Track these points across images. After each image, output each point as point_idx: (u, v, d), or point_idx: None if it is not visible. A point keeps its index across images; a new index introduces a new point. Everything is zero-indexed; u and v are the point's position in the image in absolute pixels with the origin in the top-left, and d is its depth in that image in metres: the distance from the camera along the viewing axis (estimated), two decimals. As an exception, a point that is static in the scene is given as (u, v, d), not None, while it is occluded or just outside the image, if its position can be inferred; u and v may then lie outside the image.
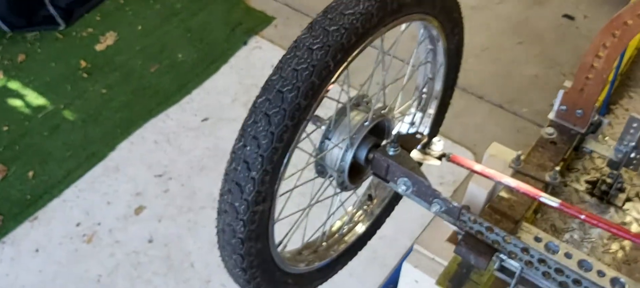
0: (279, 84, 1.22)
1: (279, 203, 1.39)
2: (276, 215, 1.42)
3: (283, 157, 1.26)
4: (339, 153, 1.52)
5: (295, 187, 1.51)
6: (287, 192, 1.46)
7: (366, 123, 1.54)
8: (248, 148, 1.23)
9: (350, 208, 1.88)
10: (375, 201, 1.95)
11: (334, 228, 1.84)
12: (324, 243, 1.78)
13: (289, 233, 1.59)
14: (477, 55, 3.94)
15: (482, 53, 3.97)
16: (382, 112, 1.61)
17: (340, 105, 1.52)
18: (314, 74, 1.21)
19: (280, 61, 1.25)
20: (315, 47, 1.22)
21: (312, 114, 1.28)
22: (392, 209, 1.97)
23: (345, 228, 1.85)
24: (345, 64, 1.28)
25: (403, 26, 1.51)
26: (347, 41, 1.24)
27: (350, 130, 1.50)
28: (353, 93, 1.52)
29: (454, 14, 1.66)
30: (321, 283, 1.78)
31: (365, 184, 1.83)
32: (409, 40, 1.61)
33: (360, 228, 1.88)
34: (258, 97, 1.25)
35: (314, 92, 1.23)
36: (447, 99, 1.95)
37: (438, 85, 1.86)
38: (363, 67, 1.45)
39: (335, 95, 1.48)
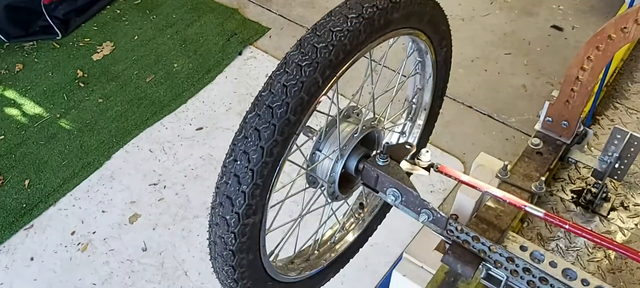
0: (268, 100, 1.25)
1: (270, 213, 1.42)
2: (267, 226, 1.44)
3: (273, 171, 1.29)
4: (330, 164, 1.56)
5: (286, 198, 1.54)
6: (278, 203, 1.49)
7: (356, 134, 1.57)
8: (238, 162, 1.26)
9: (341, 217, 1.92)
10: (366, 209, 1.98)
11: (325, 237, 1.88)
12: (316, 252, 1.82)
13: (281, 243, 1.62)
14: (466, 66, 4.00)
15: (471, 64, 4.03)
16: (372, 123, 1.65)
17: (330, 117, 1.56)
18: (303, 90, 1.24)
19: (270, 77, 1.28)
20: (304, 64, 1.25)
21: (302, 128, 1.31)
22: (384, 217, 2.01)
23: (337, 237, 1.88)
24: (333, 79, 1.31)
25: (391, 41, 1.55)
26: (335, 58, 1.27)
27: (340, 141, 1.54)
28: (344, 103, 1.55)
29: (441, 27, 1.69)
30: None
31: (356, 193, 1.86)
32: (400, 51, 1.65)
33: (351, 237, 1.91)
34: (248, 112, 1.28)
35: (303, 107, 1.26)
36: (436, 109, 1.99)
37: (427, 97, 1.90)
38: (353, 77, 1.48)
39: (325, 107, 1.51)
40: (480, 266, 1.56)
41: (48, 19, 4.38)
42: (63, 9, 4.44)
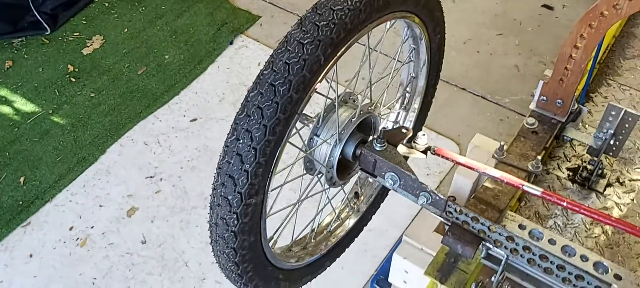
0: (271, 78, 1.25)
1: (270, 198, 1.42)
2: (268, 210, 1.45)
3: (275, 150, 1.29)
4: (328, 149, 1.56)
5: (286, 182, 1.54)
6: (277, 187, 1.50)
7: (354, 118, 1.58)
8: (241, 141, 1.26)
9: (337, 205, 1.92)
10: (361, 198, 1.99)
11: (323, 225, 1.88)
12: (313, 240, 1.82)
13: (280, 228, 1.63)
14: (458, 48, 4.00)
15: (464, 46, 4.04)
16: (369, 108, 1.65)
17: (328, 102, 1.56)
18: (305, 68, 1.24)
19: (272, 56, 1.28)
20: (306, 42, 1.25)
21: (304, 107, 1.31)
22: (379, 206, 2.02)
23: (333, 225, 1.89)
24: (334, 58, 1.31)
25: (388, 24, 1.56)
26: (337, 36, 1.28)
27: (338, 125, 1.54)
28: (340, 90, 1.56)
29: (436, 13, 1.70)
30: (311, 279, 1.82)
31: (352, 181, 1.87)
32: (395, 38, 1.65)
33: (348, 225, 1.92)
34: (250, 91, 1.27)
35: (305, 85, 1.26)
36: (430, 96, 2.01)
37: (421, 82, 1.91)
38: (348, 64, 1.49)
39: (323, 92, 1.51)
40: (480, 246, 1.57)
41: (36, 14, 4.33)
42: (51, 3, 4.40)
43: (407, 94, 1.95)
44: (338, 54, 1.32)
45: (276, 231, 1.61)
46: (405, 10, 1.52)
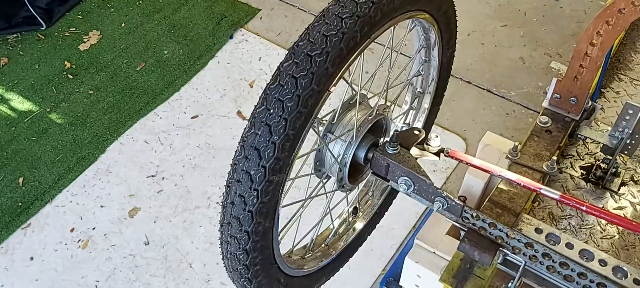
0: (307, 48, 1.23)
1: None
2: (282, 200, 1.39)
3: (304, 124, 1.25)
4: (342, 147, 1.52)
5: (296, 177, 1.49)
6: (291, 179, 1.44)
7: (371, 117, 1.54)
8: (271, 111, 1.22)
9: (336, 218, 1.88)
10: (360, 215, 1.96)
11: (321, 237, 1.84)
12: (310, 253, 1.78)
13: (287, 224, 1.57)
14: (462, 40, 3.91)
15: (468, 38, 3.98)
16: (384, 109, 1.61)
17: (345, 98, 1.52)
18: (343, 42, 1.23)
19: (308, 28, 1.27)
20: (345, 16, 1.24)
21: (335, 85, 1.28)
22: (376, 223, 1.99)
23: (330, 240, 1.85)
24: (368, 40, 1.31)
25: (409, 23, 1.56)
26: (374, 15, 1.27)
27: (356, 121, 1.50)
28: (342, 91, 1.53)
29: (451, 24, 1.71)
30: None
31: (353, 194, 1.84)
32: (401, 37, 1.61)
33: (346, 241, 1.88)
34: (284, 61, 1.25)
35: (341, 60, 1.25)
36: (440, 93, 1.98)
37: (432, 81, 1.88)
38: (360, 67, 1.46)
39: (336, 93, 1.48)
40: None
41: (31, 9, 4.25)
42: (45, -2, 4.32)
43: (417, 91, 1.91)
44: (372, 36, 1.32)
45: (284, 227, 1.55)
46: (428, 11, 1.53)
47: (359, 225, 1.92)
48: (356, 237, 1.91)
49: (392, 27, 1.43)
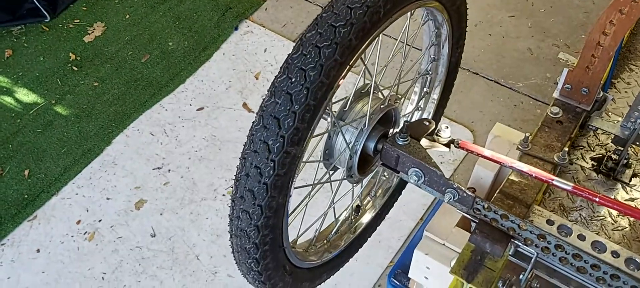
0: (332, 19, 1.23)
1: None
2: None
3: (325, 96, 1.24)
4: (353, 135, 1.51)
5: (308, 161, 1.47)
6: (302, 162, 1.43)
7: (383, 105, 1.54)
8: (293, 79, 1.21)
9: (341, 215, 1.87)
10: (361, 214, 1.95)
11: (323, 234, 1.82)
12: (314, 246, 1.77)
13: (297, 209, 1.56)
14: (469, 31, 3.87)
15: (475, 28, 3.95)
16: (396, 100, 1.60)
17: (359, 85, 1.51)
18: (367, 15, 1.24)
19: (332, 1, 1.27)
20: None
21: (355, 61, 1.28)
22: (379, 222, 1.98)
23: (332, 236, 1.84)
24: (388, 19, 1.31)
25: (422, 16, 1.56)
26: None
27: (369, 108, 1.49)
28: (353, 83, 1.51)
29: (463, 23, 1.73)
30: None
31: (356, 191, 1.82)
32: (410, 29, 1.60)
33: (346, 241, 1.87)
34: (307, 31, 1.25)
35: (364, 33, 1.25)
36: (450, 83, 1.97)
37: (441, 70, 1.87)
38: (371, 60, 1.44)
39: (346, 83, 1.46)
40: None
41: (34, 1, 4.23)
42: (49, -11, 4.30)
43: (428, 82, 1.90)
44: (394, 15, 1.32)
45: (291, 212, 1.53)
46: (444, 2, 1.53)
47: (361, 225, 1.92)
48: (356, 238, 1.90)
49: (409, 13, 1.43)
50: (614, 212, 1.96)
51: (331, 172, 1.61)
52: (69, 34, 4.20)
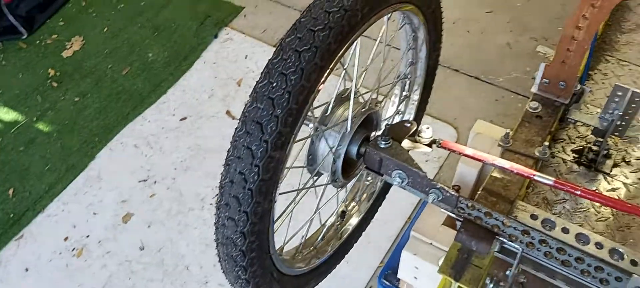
0: (310, 24, 1.24)
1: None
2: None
3: (307, 99, 1.25)
4: (335, 139, 1.52)
5: (291, 167, 1.47)
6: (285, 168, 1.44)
7: (363, 109, 1.55)
8: (274, 84, 1.22)
9: (327, 221, 1.88)
10: (346, 219, 1.96)
11: (310, 240, 1.83)
12: (300, 253, 1.77)
13: (282, 215, 1.57)
14: (448, 28, 3.89)
15: (453, 26, 3.98)
16: (376, 103, 1.61)
17: (339, 90, 1.52)
18: (345, 19, 1.25)
19: (310, 6, 1.28)
20: None
21: (336, 64, 1.29)
22: (365, 227, 1.99)
23: (319, 243, 1.84)
24: (369, 20, 1.33)
25: (398, 17, 1.57)
26: None
27: (351, 111, 1.50)
28: (334, 86, 1.52)
29: (439, 22, 1.75)
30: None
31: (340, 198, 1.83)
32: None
33: (333, 246, 1.88)
34: (286, 36, 1.26)
35: (343, 37, 1.26)
36: (429, 84, 1.99)
37: (420, 71, 1.89)
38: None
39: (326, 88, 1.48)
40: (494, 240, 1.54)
41: (11, 18, 4.20)
42: (25, 6, 4.26)
43: (407, 84, 1.92)
44: (372, 18, 1.34)
45: (278, 218, 1.53)
46: (418, 5, 1.55)
47: (346, 231, 1.93)
48: (343, 243, 1.91)
49: (387, 16, 1.45)
50: (596, 203, 1.99)
51: (315, 178, 1.61)
52: (47, 49, 4.17)
